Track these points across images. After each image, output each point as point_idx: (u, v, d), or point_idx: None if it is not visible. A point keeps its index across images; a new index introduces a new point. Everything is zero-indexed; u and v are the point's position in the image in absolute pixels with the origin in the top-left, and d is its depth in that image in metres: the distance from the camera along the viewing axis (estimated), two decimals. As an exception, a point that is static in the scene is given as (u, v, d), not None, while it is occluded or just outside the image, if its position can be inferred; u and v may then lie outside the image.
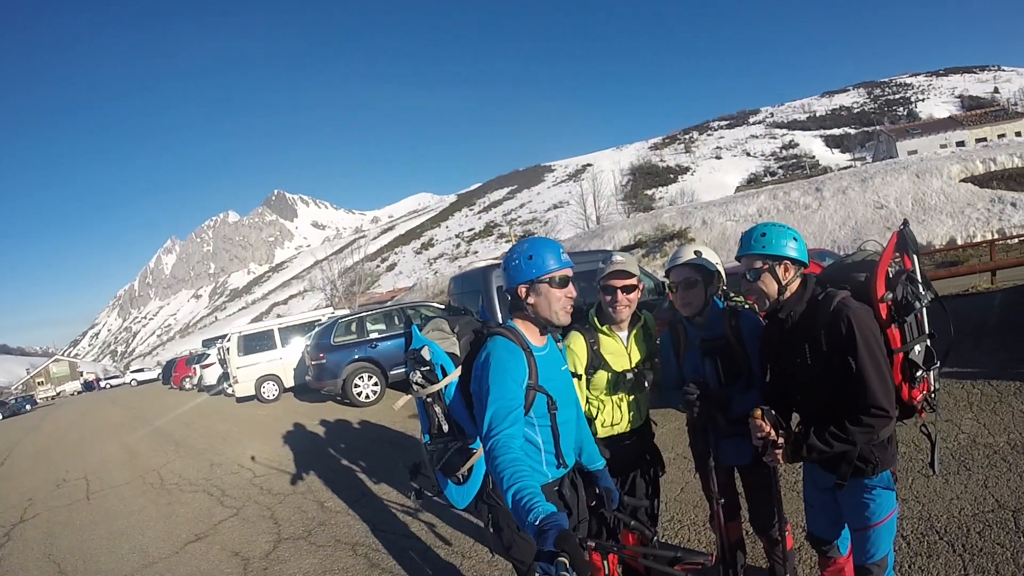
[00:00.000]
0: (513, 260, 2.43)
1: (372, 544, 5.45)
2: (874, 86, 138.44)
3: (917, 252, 2.62)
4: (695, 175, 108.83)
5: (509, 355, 2.29)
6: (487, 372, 2.24)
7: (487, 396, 2.17)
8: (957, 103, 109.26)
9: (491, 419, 2.11)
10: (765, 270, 2.58)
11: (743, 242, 2.68)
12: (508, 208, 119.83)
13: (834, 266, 2.90)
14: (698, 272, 3.01)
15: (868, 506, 2.53)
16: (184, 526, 6.99)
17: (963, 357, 6.57)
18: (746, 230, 2.72)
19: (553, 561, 1.47)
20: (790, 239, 2.59)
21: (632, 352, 3.18)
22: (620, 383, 3.13)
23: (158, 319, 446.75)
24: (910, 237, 2.60)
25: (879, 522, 2.52)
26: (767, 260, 2.57)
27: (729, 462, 3.10)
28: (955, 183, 24.09)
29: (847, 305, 2.42)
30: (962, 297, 10.73)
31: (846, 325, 2.37)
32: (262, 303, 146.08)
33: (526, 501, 1.74)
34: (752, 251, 2.61)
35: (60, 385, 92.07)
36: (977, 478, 4.27)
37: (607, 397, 3.16)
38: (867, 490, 2.53)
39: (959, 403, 5.77)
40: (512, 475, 1.87)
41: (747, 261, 2.64)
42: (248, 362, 17.87)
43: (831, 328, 2.43)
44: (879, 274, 2.49)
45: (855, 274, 2.66)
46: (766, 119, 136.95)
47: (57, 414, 36.35)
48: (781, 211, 26.52)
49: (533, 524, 1.63)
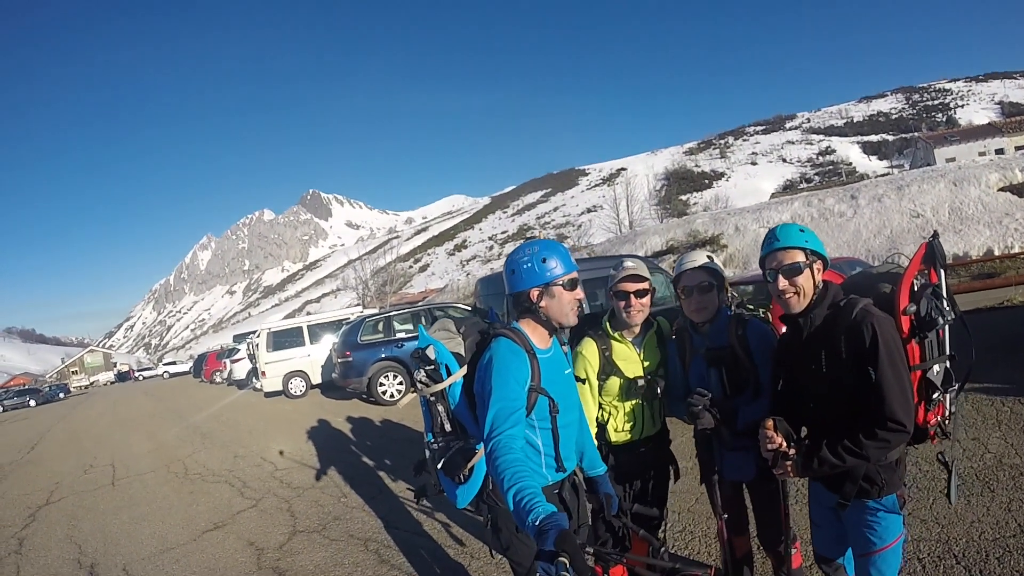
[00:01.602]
0: (524, 264, 2.41)
1: (384, 540, 5.48)
2: (912, 91, 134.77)
3: (945, 266, 2.53)
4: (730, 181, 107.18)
5: (512, 356, 2.30)
6: (490, 373, 2.25)
7: (489, 397, 2.18)
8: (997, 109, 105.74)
9: (493, 419, 2.11)
10: (808, 265, 2.45)
11: (779, 235, 2.52)
12: (541, 211, 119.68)
13: (859, 275, 2.80)
14: (712, 276, 2.95)
15: (873, 529, 2.44)
16: (204, 515, 7.13)
17: (994, 373, 6.37)
18: (773, 229, 2.59)
19: (553, 561, 1.47)
20: (821, 244, 2.52)
21: (645, 358, 3.14)
22: (632, 390, 3.08)
23: (192, 314, 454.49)
24: (939, 250, 2.51)
25: (884, 547, 2.43)
26: (809, 256, 2.46)
27: (732, 477, 3.02)
28: (993, 192, 23.29)
29: (870, 312, 2.32)
30: (997, 310, 10.47)
31: (869, 332, 2.26)
32: (295, 300, 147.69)
33: (526, 502, 1.74)
34: (795, 243, 2.46)
35: (94, 375, 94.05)
36: (1001, 500, 4.12)
37: (620, 403, 3.12)
38: (871, 512, 2.44)
39: (987, 421, 5.58)
40: (513, 476, 1.88)
41: (785, 255, 2.48)
42: (277, 358, 18.09)
43: (852, 335, 2.32)
44: (904, 285, 2.41)
45: (880, 284, 2.56)
46: (803, 125, 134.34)
47: (89, 403, 37.20)
48: (815, 218, 25.99)
49: (533, 524, 1.63)
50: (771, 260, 2.53)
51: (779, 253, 2.49)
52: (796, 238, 2.47)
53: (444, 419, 2.47)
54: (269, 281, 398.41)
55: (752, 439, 2.57)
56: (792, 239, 2.47)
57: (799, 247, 2.45)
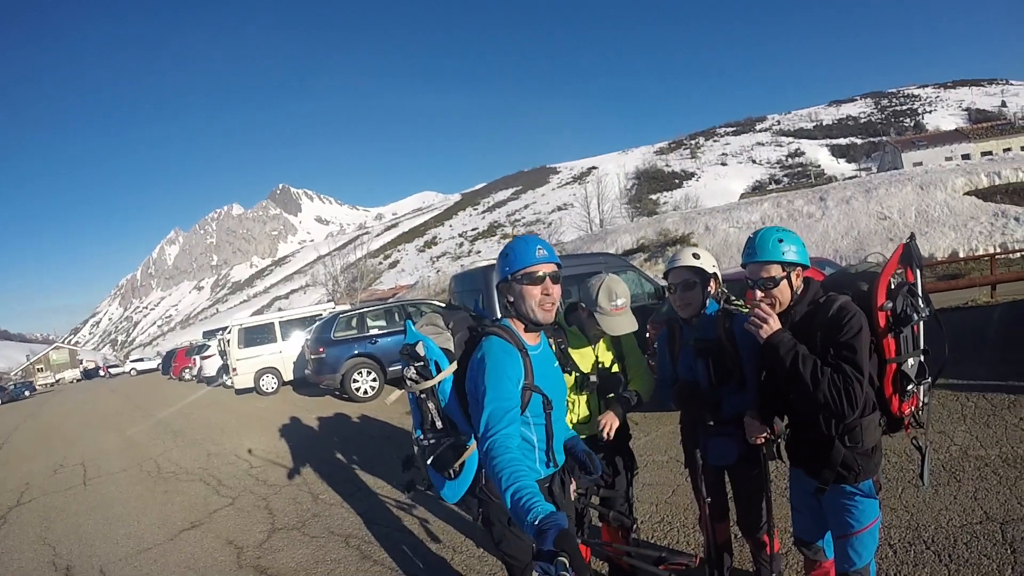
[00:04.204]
0: (498, 260, 2.47)
1: (365, 536, 5.48)
2: (881, 96, 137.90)
3: (921, 266, 2.66)
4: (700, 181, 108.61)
5: (505, 355, 2.29)
6: (483, 372, 2.24)
7: (484, 396, 2.18)
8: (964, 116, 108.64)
9: (488, 419, 2.12)
10: (783, 278, 2.59)
11: (757, 247, 2.62)
12: (512, 209, 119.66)
13: (839, 273, 2.92)
14: (696, 274, 3.05)
15: (850, 512, 2.57)
16: (179, 514, 7.04)
17: (959, 369, 6.59)
18: (753, 235, 2.69)
19: (553, 561, 1.48)
20: (799, 244, 2.63)
21: (599, 354, 3.31)
22: (586, 384, 3.24)
23: (159, 309, 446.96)
24: (915, 251, 2.63)
25: (861, 529, 2.56)
26: (786, 267, 2.59)
27: (715, 462, 3.13)
28: (959, 196, 23.93)
29: (846, 308, 2.47)
30: (962, 310, 10.75)
31: (844, 322, 2.42)
32: (264, 296, 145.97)
33: (525, 501, 1.74)
34: (771, 257, 2.58)
35: (60, 372, 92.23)
36: (967, 490, 4.28)
37: (576, 397, 3.27)
38: (849, 497, 2.57)
39: (953, 415, 5.78)
40: (511, 475, 1.88)
41: (760, 268, 2.61)
42: (248, 354, 17.86)
43: (829, 327, 2.47)
44: (881, 283, 2.51)
45: (858, 283, 2.68)
46: (773, 127, 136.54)
47: (56, 401, 36.39)
48: (784, 219, 26.46)
49: (533, 524, 1.64)
50: (750, 270, 2.66)
51: (756, 266, 2.62)
52: (773, 252, 2.58)
53: (435, 416, 2.44)
54: (237, 277, 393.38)
55: (735, 426, 2.73)
56: (768, 253, 2.59)
57: (776, 261, 2.57)
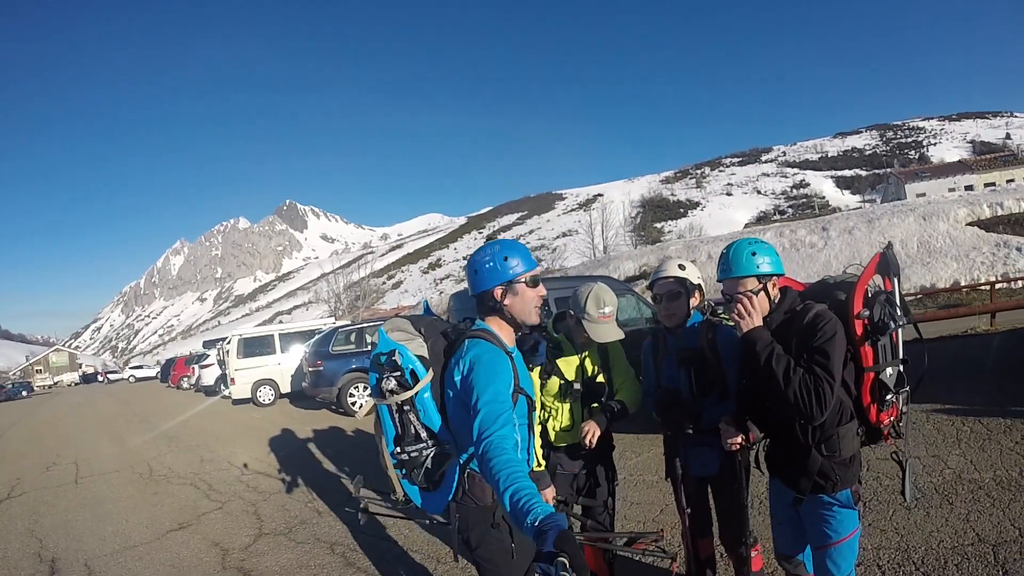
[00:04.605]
0: (487, 263, 2.42)
1: (350, 544, 5.45)
2: (887, 129, 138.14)
3: (898, 275, 2.63)
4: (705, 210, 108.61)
5: (497, 358, 2.30)
6: (475, 375, 2.23)
7: (477, 400, 2.16)
8: (968, 148, 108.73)
9: (482, 421, 2.10)
10: (761, 290, 2.57)
11: (731, 262, 2.61)
12: (517, 233, 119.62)
13: (817, 283, 2.87)
14: (681, 285, 3.07)
15: (828, 523, 2.53)
16: (168, 515, 7.02)
17: (956, 395, 6.60)
18: (726, 250, 2.67)
19: (553, 562, 1.46)
20: (773, 254, 2.61)
21: (584, 363, 3.29)
22: (569, 391, 3.22)
23: (161, 319, 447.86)
24: (892, 259, 2.62)
25: (839, 541, 2.52)
26: (762, 280, 2.57)
27: (697, 473, 3.12)
28: (961, 226, 23.89)
29: (822, 315, 2.46)
30: (961, 338, 10.76)
31: (819, 327, 2.41)
32: (266, 311, 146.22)
33: (524, 502, 1.72)
34: (745, 272, 2.57)
35: (58, 375, 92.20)
36: (959, 512, 4.25)
37: (559, 404, 3.25)
38: (827, 507, 2.53)
39: (947, 439, 5.75)
40: (508, 476, 1.86)
41: (736, 283, 2.59)
42: (247, 365, 17.93)
43: (804, 334, 2.45)
44: (858, 291, 2.49)
45: (836, 292, 2.66)
46: (778, 158, 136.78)
47: (53, 403, 36.40)
48: (787, 248, 26.45)
49: (532, 525, 1.61)
50: (726, 286, 2.65)
51: (732, 281, 2.61)
52: (747, 266, 2.56)
53: (418, 427, 2.37)
54: (241, 290, 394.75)
55: (716, 436, 2.69)
56: (743, 268, 2.57)
57: (751, 275, 2.57)
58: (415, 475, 2.37)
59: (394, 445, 2.41)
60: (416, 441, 2.36)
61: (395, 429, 2.41)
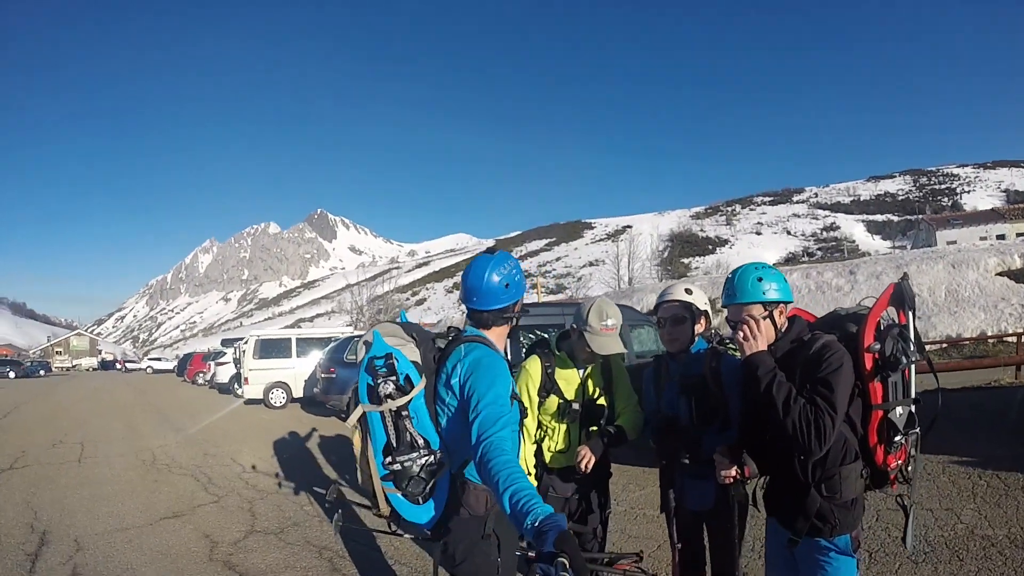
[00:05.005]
0: (516, 276, 2.46)
1: (339, 551, 5.41)
2: (920, 174, 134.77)
3: (913, 308, 2.52)
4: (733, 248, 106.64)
5: (497, 362, 2.30)
6: (476, 377, 2.23)
7: (478, 401, 2.16)
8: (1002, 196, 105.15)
9: (482, 423, 2.09)
10: (767, 318, 2.48)
11: (736, 289, 2.53)
12: (544, 259, 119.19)
13: (828, 315, 2.76)
14: (686, 310, 2.99)
15: (823, 570, 2.39)
16: (164, 503, 7.06)
17: (975, 447, 6.40)
18: (731, 275, 2.60)
19: (553, 562, 1.45)
20: (781, 280, 2.52)
21: (586, 384, 3.22)
22: (567, 411, 3.15)
23: (184, 314, 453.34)
24: (907, 291, 2.50)
25: None
26: (768, 306, 2.48)
27: (692, 507, 3.02)
28: (991, 276, 23.43)
29: (829, 346, 2.34)
30: (984, 389, 10.39)
31: (825, 358, 2.30)
32: (288, 316, 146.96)
33: (523, 503, 1.71)
34: (751, 299, 2.48)
35: (78, 359, 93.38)
36: (969, 569, 4.10)
37: (556, 424, 3.19)
38: (823, 552, 2.39)
39: (963, 492, 5.55)
40: (508, 477, 1.85)
41: (741, 310, 2.51)
42: (261, 366, 18.01)
43: (809, 364, 2.33)
44: (869, 324, 2.38)
45: (847, 323, 2.54)
46: (810, 199, 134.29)
47: (69, 384, 36.83)
48: (812, 290, 26.14)
49: (532, 526, 1.60)
50: (731, 312, 2.57)
51: (736, 308, 2.53)
52: (753, 292, 2.48)
53: (414, 434, 2.27)
54: (265, 294, 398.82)
55: (714, 468, 2.58)
56: (748, 295, 2.49)
57: (757, 302, 2.48)
58: (408, 486, 2.24)
59: (383, 455, 2.27)
60: (411, 450, 2.24)
61: (386, 437, 2.27)
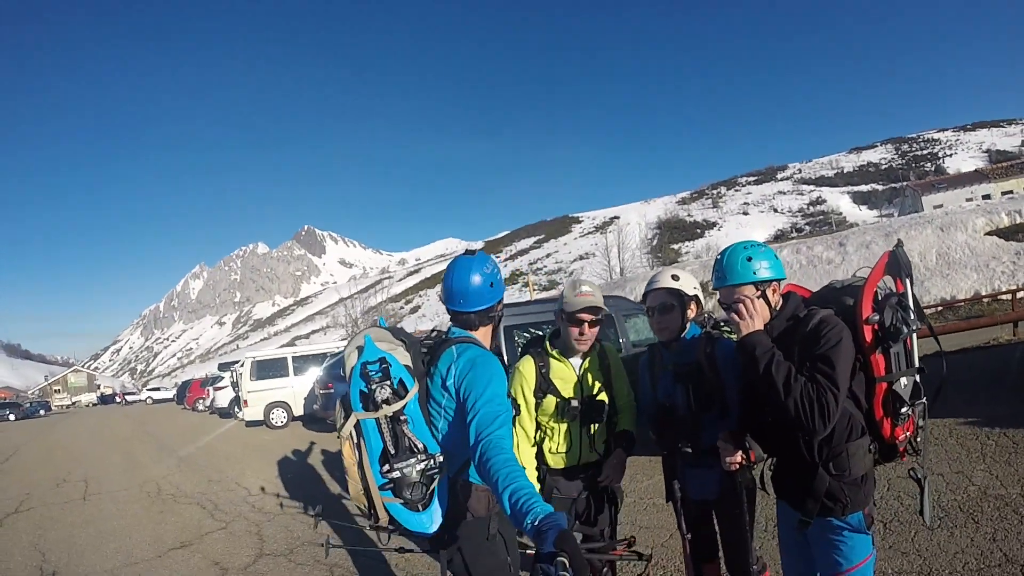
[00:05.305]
0: (497, 275, 2.46)
1: (349, 567, 5.37)
2: (902, 142, 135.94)
3: (910, 275, 2.43)
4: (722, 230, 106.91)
5: (492, 360, 2.28)
6: (472, 376, 2.20)
7: (476, 400, 2.13)
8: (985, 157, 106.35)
9: (480, 422, 2.07)
10: (760, 297, 2.39)
11: (726, 270, 2.45)
12: (534, 257, 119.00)
13: (824, 288, 2.67)
14: (674, 297, 2.90)
15: (838, 549, 2.31)
16: (172, 533, 6.98)
17: (979, 407, 6.30)
18: (720, 256, 2.52)
19: (553, 561, 1.44)
20: (772, 257, 2.44)
21: (584, 380, 3.09)
22: (566, 410, 3.02)
23: (180, 342, 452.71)
24: (902, 259, 2.42)
25: (849, 569, 2.29)
26: (760, 285, 2.40)
27: (696, 496, 2.93)
28: (980, 236, 23.59)
29: (826, 321, 2.27)
30: (983, 349, 10.36)
31: (823, 334, 2.22)
32: (284, 335, 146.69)
33: (523, 502, 1.69)
34: (742, 280, 2.40)
35: (77, 395, 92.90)
36: (985, 531, 4.03)
37: (555, 424, 3.07)
38: (836, 531, 2.32)
39: (972, 454, 5.46)
40: (507, 476, 1.82)
41: (732, 292, 2.43)
42: (259, 387, 17.95)
43: (807, 341, 2.26)
44: (866, 294, 2.30)
45: (843, 297, 2.46)
46: (794, 175, 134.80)
47: (69, 422, 36.63)
48: (804, 265, 26.24)
49: (532, 525, 1.59)
50: (722, 294, 2.49)
51: (728, 290, 2.45)
52: (743, 273, 2.41)
53: (412, 439, 2.19)
54: (259, 314, 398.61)
55: (715, 456, 2.49)
56: (739, 276, 2.42)
57: (748, 282, 2.40)
58: (408, 493, 2.16)
59: (379, 464, 2.18)
60: (409, 455, 2.17)
61: (383, 444, 2.19)
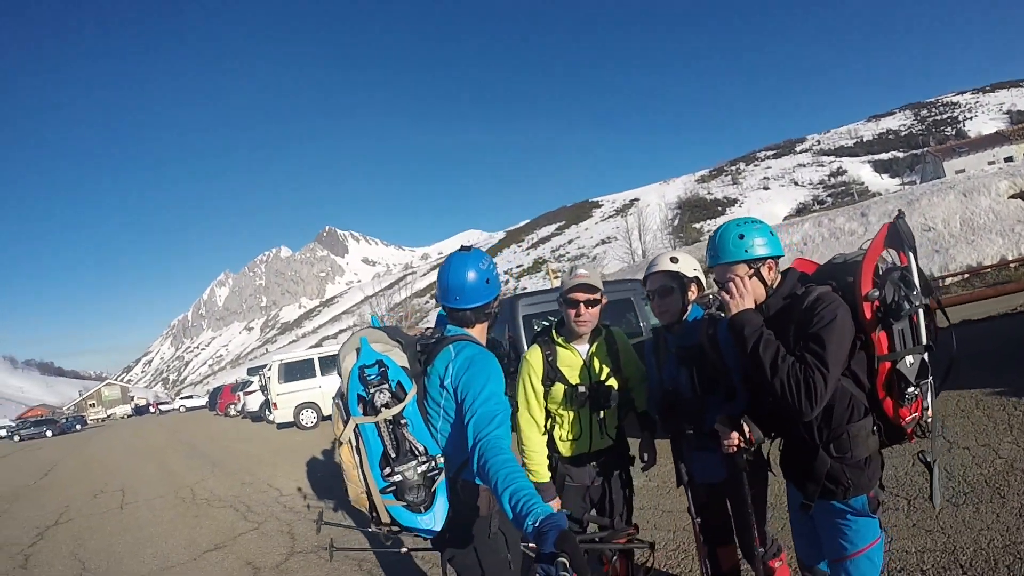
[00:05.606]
0: (493, 271, 2.45)
1: (375, 562, 5.43)
2: (920, 107, 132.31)
3: (913, 248, 2.33)
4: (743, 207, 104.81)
5: (491, 359, 2.28)
6: (470, 375, 2.20)
7: (474, 399, 2.13)
8: (1005, 118, 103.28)
9: (478, 421, 2.07)
10: (752, 275, 2.35)
11: (718, 248, 2.41)
12: (556, 244, 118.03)
13: (826, 264, 2.56)
14: (673, 280, 2.87)
15: (842, 533, 2.27)
16: (206, 536, 7.14)
17: (1008, 377, 6.10)
18: (713, 234, 2.48)
19: (553, 562, 1.45)
20: (767, 234, 2.39)
21: (591, 366, 3.09)
22: (574, 397, 3.03)
23: (210, 349, 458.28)
24: (904, 230, 2.33)
25: (855, 553, 2.25)
26: (752, 264, 2.35)
27: (703, 479, 2.91)
28: (1004, 200, 22.78)
29: (823, 298, 2.19)
30: (1011, 316, 9.97)
31: (817, 311, 2.15)
32: (312, 336, 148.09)
33: (523, 503, 1.69)
34: (734, 258, 2.35)
35: (111, 408, 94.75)
36: (1012, 506, 3.90)
37: (564, 411, 3.07)
38: (839, 515, 2.27)
39: (999, 426, 5.23)
40: (506, 476, 1.82)
41: (726, 270, 2.38)
42: (288, 389, 18.18)
43: (802, 319, 2.20)
44: (864, 270, 2.20)
45: (843, 273, 2.35)
46: (813, 147, 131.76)
47: (105, 434, 37.37)
48: (826, 238, 25.71)
49: (533, 526, 1.59)
50: (716, 273, 2.45)
51: (721, 268, 2.41)
52: (736, 251, 2.36)
53: (413, 441, 2.18)
54: (287, 317, 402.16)
55: (718, 440, 2.46)
56: (731, 254, 2.37)
57: (740, 261, 2.36)
58: (411, 495, 2.14)
59: (380, 467, 2.16)
60: (410, 458, 2.16)
61: (383, 448, 2.17)
